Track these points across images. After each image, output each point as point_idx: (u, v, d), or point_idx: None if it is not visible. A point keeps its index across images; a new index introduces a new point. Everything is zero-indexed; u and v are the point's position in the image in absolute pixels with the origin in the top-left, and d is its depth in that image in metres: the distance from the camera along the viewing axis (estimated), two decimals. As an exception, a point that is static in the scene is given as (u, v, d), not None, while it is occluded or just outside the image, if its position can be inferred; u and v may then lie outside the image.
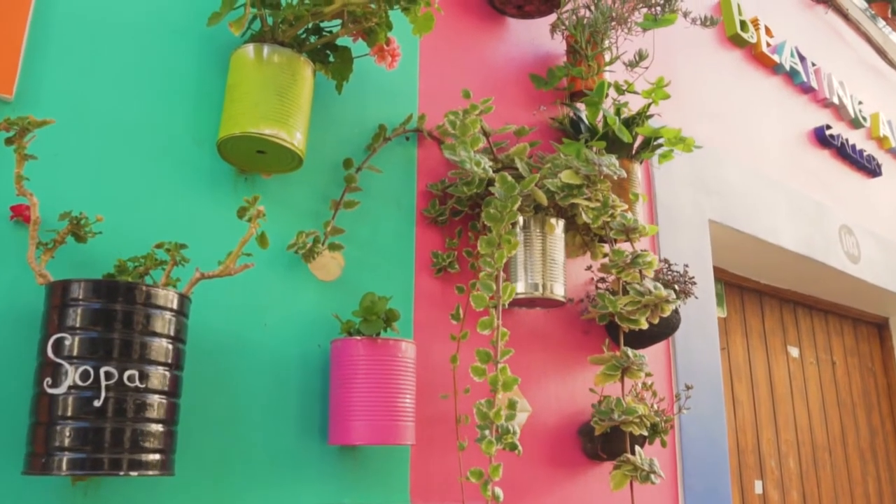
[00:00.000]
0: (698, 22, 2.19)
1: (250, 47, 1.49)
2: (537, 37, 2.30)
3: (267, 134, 1.44)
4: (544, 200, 1.73)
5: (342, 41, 1.64)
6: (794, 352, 3.73)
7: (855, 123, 3.94)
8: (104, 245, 1.34)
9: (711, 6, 3.18)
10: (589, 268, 2.15)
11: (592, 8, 2.11)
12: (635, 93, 2.13)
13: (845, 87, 3.93)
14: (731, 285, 3.44)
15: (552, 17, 2.26)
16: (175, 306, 1.24)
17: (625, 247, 1.85)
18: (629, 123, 2.08)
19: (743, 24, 3.20)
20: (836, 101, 3.78)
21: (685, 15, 2.18)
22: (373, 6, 1.46)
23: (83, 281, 1.18)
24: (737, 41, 3.20)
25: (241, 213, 1.29)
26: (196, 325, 1.39)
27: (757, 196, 3.00)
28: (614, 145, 2.04)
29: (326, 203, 1.67)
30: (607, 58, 2.11)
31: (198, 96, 1.55)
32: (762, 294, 3.64)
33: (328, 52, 1.64)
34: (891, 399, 4.34)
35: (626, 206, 1.77)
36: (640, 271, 1.70)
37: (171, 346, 1.23)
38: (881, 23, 4.77)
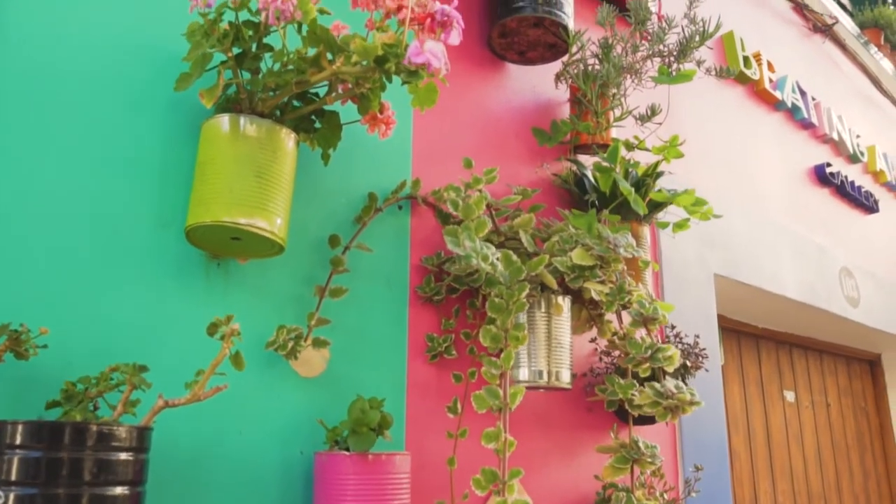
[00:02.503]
0: (713, 73, 2.02)
1: (224, 119, 1.29)
2: (539, 83, 2.13)
3: (243, 224, 1.24)
4: (554, 284, 1.55)
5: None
6: (789, 396, 3.60)
7: (853, 158, 3.83)
8: (53, 356, 1.14)
9: (714, 41, 3.03)
10: (594, 340, 1.98)
11: (601, 58, 1.94)
12: (646, 149, 1.97)
13: (843, 120, 3.81)
14: (729, 331, 3.30)
15: (556, 64, 2.09)
16: (133, 443, 1.04)
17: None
18: (639, 185, 1.91)
19: (746, 60, 3.06)
20: (835, 136, 3.66)
21: (699, 64, 2.01)
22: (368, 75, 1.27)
23: (19, 424, 0.98)
24: (740, 78, 3.05)
25: (211, 330, 1.09)
26: (161, 435, 1.19)
27: (761, 244, 2.85)
28: (623, 206, 1.87)
29: (310, 287, 1.48)
30: (617, 112, 1.93)
31: (163, 171, 1.35)
32: (759, 338, 3.50)
33: (313, 117, 1.44)
34: (883, 439, 4.23)
35: (641, 290, 1.59)
36: (661, 369, 1.52)
37: (128, 493, 1.03)
38: (873, 48, 4.68)
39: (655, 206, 1.97)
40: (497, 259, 1.34)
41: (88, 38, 1.31)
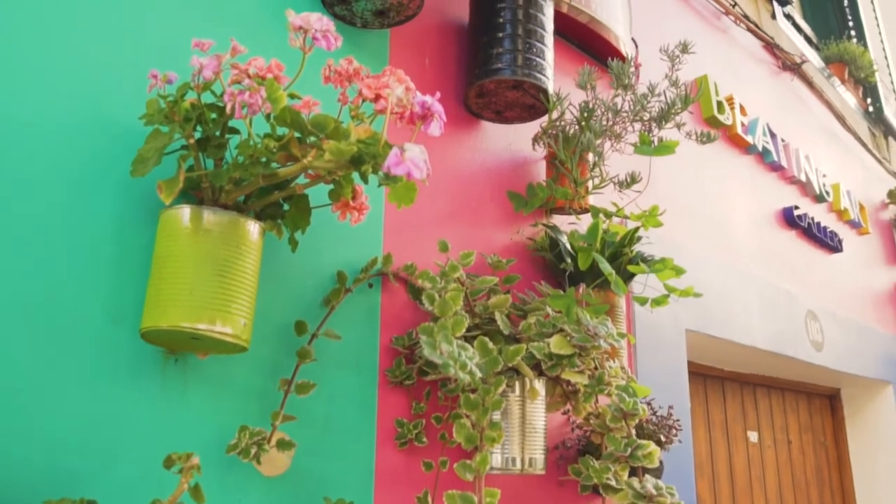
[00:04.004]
0: (694, 137, 1.97)
1: (185, 211, 1.19)
2: (515, 140, 2.06)
3: (203, 330, 1.15)
4: (531, 375, 1.48)
5: (300, 190, 1.35)
6: (753, 437, 3.59)
7: (819, 198, 3.85)
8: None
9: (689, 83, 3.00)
10: (567, 412, 1.92)
11: (581, 123, 1.87)
12: (625, 217, 1.91)
13: (811, 160, 3.83)
14: (696, 375, 3.27)
15: (533, 123, 2.02)
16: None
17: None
18: (617, 254, 1.86)
19: (720, 105, 3.03)
20: (802, 178, 3.67)
21: (679, 127, 1.96)
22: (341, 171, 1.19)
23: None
24: (713, 123, 3.02)
25: (167, 463, 1.00)
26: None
27: (732, 296, 2.83)
28: (598, 273, 1.81)
29: (275, 379, 1.39)
30: (596, 180, 1.87)
31: (116, 259, 1.24)
32: (725, 380, 3.49)
33: (281, 199, 1.35)
34: (841, 473, 4.27)
35: (621, 379, 1.53)
36: (642, 468, 1.46)
37: None
38: (837, 83, 4.72)
39: (633, 274, 1.92)
40: (476, 365, 1.26)
41: (37, 110, 1.20)
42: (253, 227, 1.24)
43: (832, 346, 3.55)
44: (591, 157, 1.85)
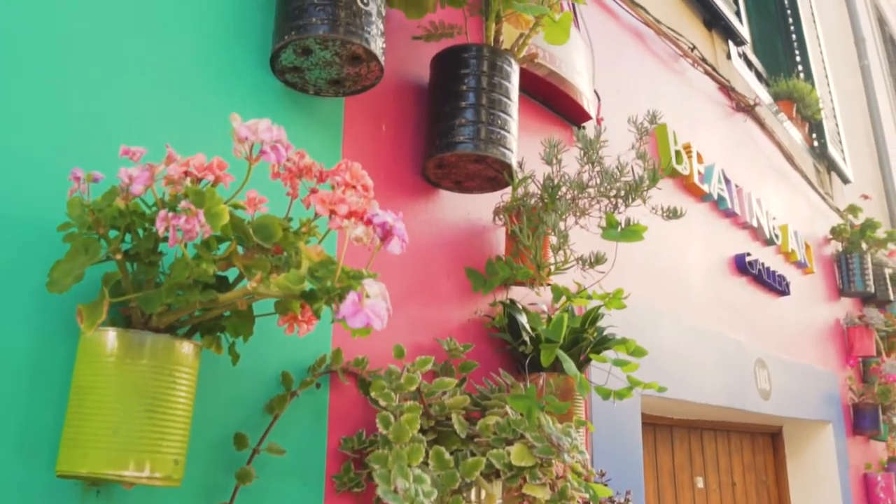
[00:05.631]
0: (660, 213, 1.90)
1: (110, 336, 1.04)
2: (474, 210, 1.95)
3: (129, 476, 1.01)
4: (490, 490, 1.38)
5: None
6: (699, 482, 3.58)
7: (769, 242, 3.86)
8: None
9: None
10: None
11: (545, 198, 1.78)
12: (588, 298, 1.82)
13: (762, 203, 3.83)
14: (645, 424, 3.22)
15: (493, 195, 1.92)
16: None
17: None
18: (577, 339, 1.77)
19: (678, 154, 2.98)
20: (754, 223, 3.66)
21: (644, 201, 1.89)
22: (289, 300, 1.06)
23: None
24: (671, 173, 2.97)
25: None
26: None
27: (687, 355, 2.79)
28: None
29: (211, 501, 1.25)
30: (559, 257, 1.78)
31: (29, 380, 1.09)
32: (673, 427, 3.46)
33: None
34: (781, 510, 4.31)
35: (584, 492, 1.44)
36: None
37: None
38: (785, 120, 4.76)
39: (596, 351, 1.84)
40: (432, 501, 1.15)
41: (-64, 225, 1.04)
42: (188, 349, 1.10)
43: (778, 392, 3.56)
44: (554, 238, 1.75)
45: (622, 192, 1.78)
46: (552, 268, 1.75)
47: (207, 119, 1.39)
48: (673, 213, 1.88)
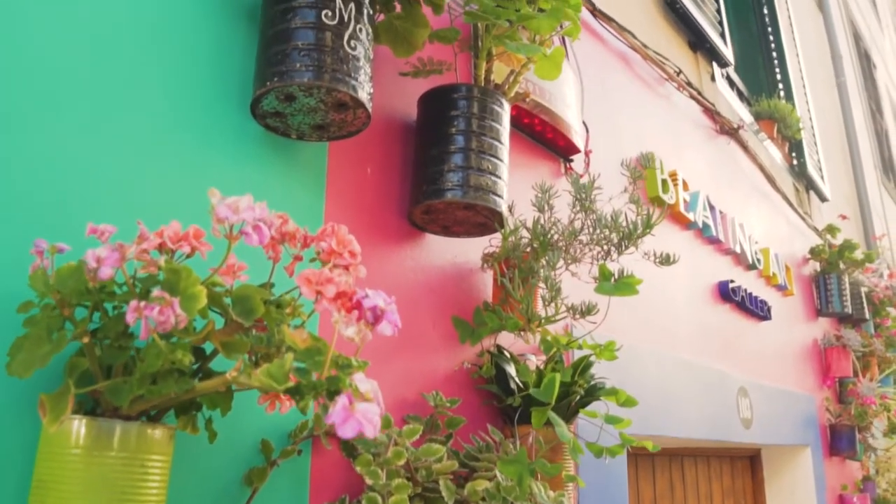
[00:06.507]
0: (651, 259, 1.85)
1: (75, 426, 0.96)
2: (460, 253, 1.88)
3: (92, 585, 0.93)
4: (481, 567, 1.31)
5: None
6: (680, 510, 3.54)
7: (751, 267, 3.83)
8: None
9: (633, 158, 2.90)
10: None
11: (535, 244, 1.71)
12: (579, 348, 1.76)
13: (744, 228, 3.81)
14: (627, 454, 3.18)
15: (482, 239, 1.86)
16: None
17: None
18: (566, 393, 1.71)
19: (664, 183, 2.94)
20: (737, 249, 3.64)
21: (637, 248, 1.83)
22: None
23: None
24: (657, 202, 2.93)
25: None
26: None
27: (671, 392, 2.74)
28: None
29: (181, 588, 1.17)
30: (550, 311, 1.71)
31: (-14, 471, 1.00)
32: (654, 457, 3.42)
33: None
34: (758, 534, 4.29)
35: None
36: None
37: None
38: (766, 139, 4.76)
39: (582, 405, 1.79)
40: None
41: None
42: (162, 435, 1.02)
43: (759, 420, 3.54)
44: (543, 288, 1.69)
45: (615, 240, 1.72)
46: (542, 319, 1.69)
47: (182, 165, 1.31)
48: (666, 260, 1.83)
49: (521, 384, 1.73)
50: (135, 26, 1.28)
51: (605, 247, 1.74)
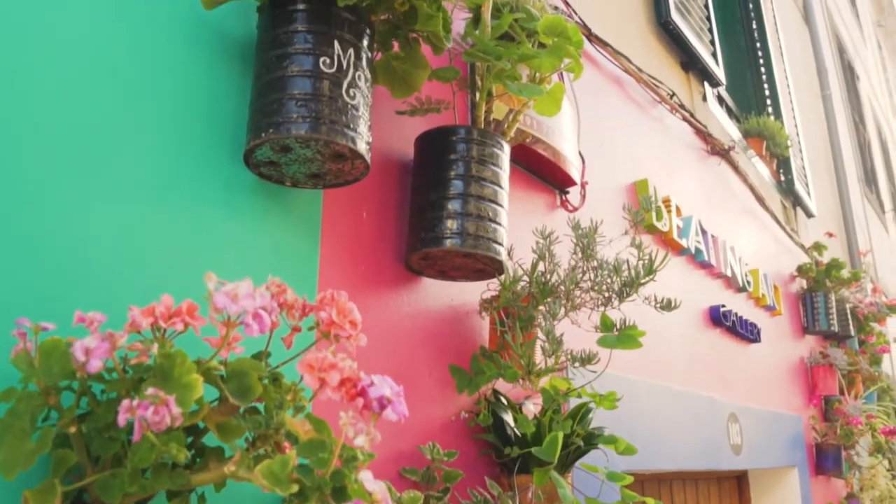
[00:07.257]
0: (652, 303, 1.81)
1: (61, 521, 0.91)
2: (457, 296, 1.83)
3: None
4: None
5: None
6: (668, 535, 3.52)
7: (741, 289, 3.82)
8: None
9: (628, 186, 2.87)
10: None
11: (535, 292, 1.67)
12: (578, 396, 1.72)
13: (735, 251, 3.79)
14: (618, 482, 3.15)
15: (478, 284, 1.81)
16: None
17: None
18: (565, 444, 1.67)
19: (658, 210, 2.91)
20: (728, 273, 3.62)
21: (638, 293, 1.79)
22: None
23: None
24: (650, 230, 2.90)
25: None
26: None
27: (662, 421, 2.71)
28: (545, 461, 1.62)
29: None
30: (549, 361, 1.67)
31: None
32: (644, 482, 3.39)
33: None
34: (744, 555, 4.28)
35: None
36: None
37: None
38: (755, 158, 4.75)
39: (581, 453, 1.75)
40: None
41: None
42: (152, 524, 0.96)
43: (748, 444, 3.52)
44: (544, 340, 1.64)
45: (616, 287, 1.68)
46: (541, 369, 1.64)
47: (174, 213, 1.25)
48: (667, 306, 1.80)
49: (519, 434, 1.69)
50: (123, 71, 1.22)
51: (607, 294, 1.70)
